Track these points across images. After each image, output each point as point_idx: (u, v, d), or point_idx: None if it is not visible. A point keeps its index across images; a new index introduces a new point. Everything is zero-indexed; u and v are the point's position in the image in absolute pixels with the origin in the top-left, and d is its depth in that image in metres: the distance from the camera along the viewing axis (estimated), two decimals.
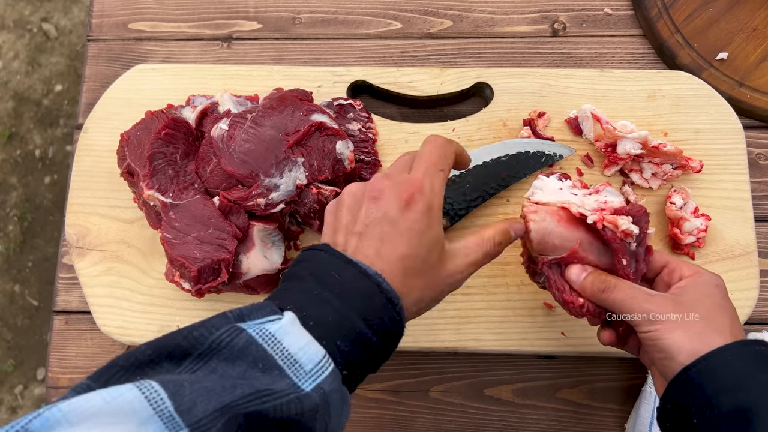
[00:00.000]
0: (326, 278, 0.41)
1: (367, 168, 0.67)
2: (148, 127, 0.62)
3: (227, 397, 0.32)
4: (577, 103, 0.69)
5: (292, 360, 0.37)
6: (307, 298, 0.40)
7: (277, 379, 0.35)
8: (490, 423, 0.67)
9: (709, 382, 0.41)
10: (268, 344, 0.37)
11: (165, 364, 0.34)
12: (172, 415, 0.30)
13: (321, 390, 0.36)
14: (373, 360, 0.41)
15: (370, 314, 0.40)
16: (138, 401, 0.30)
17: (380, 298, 0.40)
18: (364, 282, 0.41)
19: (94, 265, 0.66)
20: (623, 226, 0.47)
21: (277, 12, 0.79)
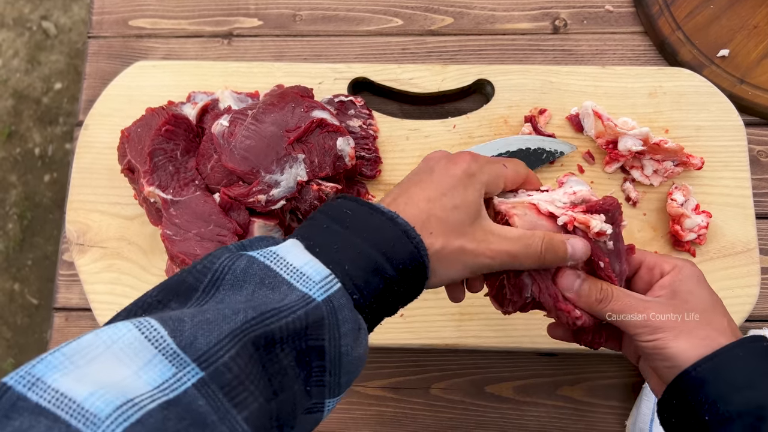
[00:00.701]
0: (338, 215, 0.39)
1: (368, 165, 0.67)
2: (149, 123, 0.62)
3: (227, 326, 0.31)
4: (578, 100, 0.69)
5: (299, 273, 0.35)
6: (314, 230, 0.39)
7: (286, 294, 0.34)
8: (491, 420, 0.67)
9: (719, 380, 0.41)
10: (270, 260, 0.36)
11: (172, 304, 0.34)
12: (175, 352, 0.30)
13: (330, 303, 0.35)
14: (390, 293, 0.38)
15: (383, 245, 0.38)
16: (138, 341, 0.30)
17: (394, 230, 0.38)
18: (376, 217, 0.39)
19: (95, 262, 0.66)
20: (596, 228, 0.43)
21: (277, 9, 0.79)
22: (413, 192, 0.42)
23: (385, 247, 0.38)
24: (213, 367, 0.30)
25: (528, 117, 0.68)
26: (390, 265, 0.38)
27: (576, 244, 0.43)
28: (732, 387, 0.40)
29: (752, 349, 0.42)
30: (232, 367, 0.31)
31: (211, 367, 0.30)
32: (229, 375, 0.30)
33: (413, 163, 0.68)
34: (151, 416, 0.27)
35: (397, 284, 0.38)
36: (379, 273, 0.37)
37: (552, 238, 0.43)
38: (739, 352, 0.41)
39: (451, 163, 0.43)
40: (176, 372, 0.30)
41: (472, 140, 0.68)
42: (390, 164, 0.68)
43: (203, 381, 0.30)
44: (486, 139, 0.68)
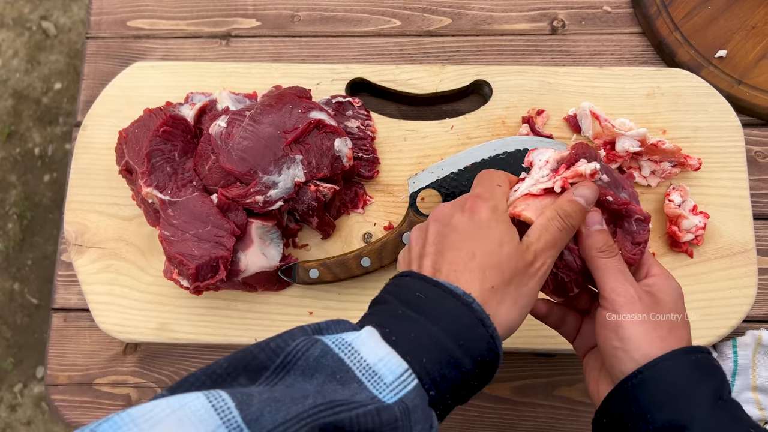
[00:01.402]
0: (411, 299, 0.39)
1: (365, 166, 0.67)
2: (147, 124, 0.62)
3: (296, 408, 0.31)
4: (575, 101, 0.69)
5: (371, 371, 0.35)
6: (390, 317, 0.38)
7: (356, 392, 0.34)
8: (489, 420, 0.67)
9: (644, 395, 0.40)
10: (344, 353, 0.35)
11: (241, 379, 0.33)
12: (239, 426, 0.30)
13: (403, 404, 0.34)
14: (465, 385, 0.38)
15: (460, 334, 0.37)
16: (205, 410, 0.30)
17: (470, 317, 0.38)
18: (451, 301, 0.38)
19: (93, 262, 0.66)
20: (587, 171, 0.45)
21: (275, 9, 0.79)
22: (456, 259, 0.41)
23: (461, 336, 0.37)
24: None
25: (526, 118, 0.68)
26: (469, 359, 0.37)
27: (581, 191, 0.45)
28: (654, 403, 0.40)
29: (681, 362, 0.41)
30: None
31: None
32: None
33: (411, 163, 0.68)
34: None
35: (474, 377, 0.38)
36: (457, 367, 0.37)
37: (561, 203, 0.44)
38: (666, 366, 0.40)
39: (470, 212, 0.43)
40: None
41: (470, 141, 0.68)
42: (388, 165, 0.68)
43: None
44: (484, 139, 0.68)
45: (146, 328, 0.65)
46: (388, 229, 0.66)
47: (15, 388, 1.52)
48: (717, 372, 0.41)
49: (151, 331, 0.64)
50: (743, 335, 0.65)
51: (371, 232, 0.66)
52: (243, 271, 0.60)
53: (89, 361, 0.69)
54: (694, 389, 0.40)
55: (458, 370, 0.37)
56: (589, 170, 0.45)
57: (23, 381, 1.52)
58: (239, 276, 0.60)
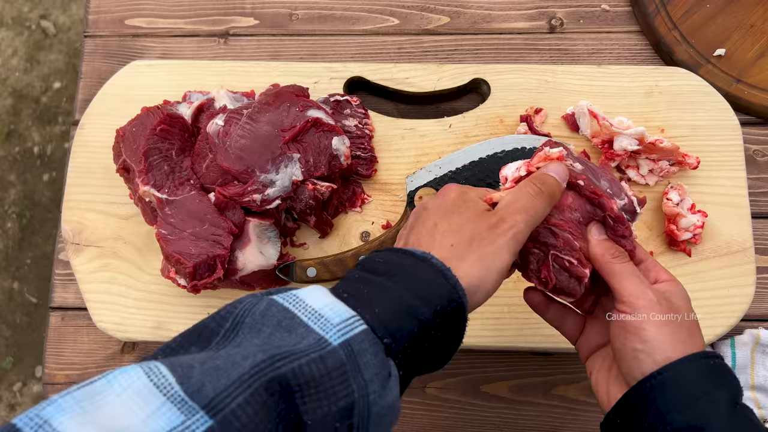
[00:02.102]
0: (371, 265, 0.39)
1: (363, 164, 0.67)
2: (144, 123, 0.62)
3: (236, 372, 0.31)
4: (574, 100, 0.69)
5: (317, 315, 0.35)
6: (345, 282, 0.39)
7: (303, 336, 0.33)
8: (487, 419, 0.67)
9: (663, 396, 0.40)
10: (289, 303, 0.35)
11: (193, 349, 0.34)
12: (183, 399, 0.30)
13: (349, 347, 0.33)
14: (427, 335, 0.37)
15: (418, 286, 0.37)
16: (147, 389, 0.30)
17: (429, 271, 0.38)
18: (409, 260, 0.38)
19: (91, 261, 0.66)
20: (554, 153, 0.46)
21: (273, 8, 0.79)
22: (421, 230, 0.43)
23: (420, 288, 0.37)
24: (221, 415, 0.30)
25: (524, 116, 0.68)
26: (426, 307, 0.36)
27: (552, 167, 0.46)
28: (673, 405, 0.39)
29: (698, 366, 0.41)
30: (240, 415, 0.30)
31: (220, 415, 0.30)
32: (238, 423, 0.30)
33: (409, 162, 0.68)
34: None
35: (434, 327, 0.37)
36: (414, 316, 0.36)
37: (534, 174, 0.45)
38: (684, 370, 0.40)
39: (440, 196, 0.46)
40: (185, 420, 0.29)
41: (468, 140, 0.68)
42: (386, 163, 0.68)
43: (212, 429, 0.29)
44: (482, 138, 0.68)
45: (144, 327, 0.65)
46: (386, 227, 0.66)
47: (14, 387, 1.52)
48: (733, 378, 0.42)
49: (149, 329, 0.64)
50: (741, 334, 0.65)
51: (369, 230, 0.66)
52: (240, 269, 0.60)
53: (87, 359, 0.69)
54: (713, 393, 0.40)
55: (416, 319, 0.36)
56: (555, 153, 0.46)
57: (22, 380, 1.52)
58: (237, 275, 0.60)
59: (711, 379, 0.40)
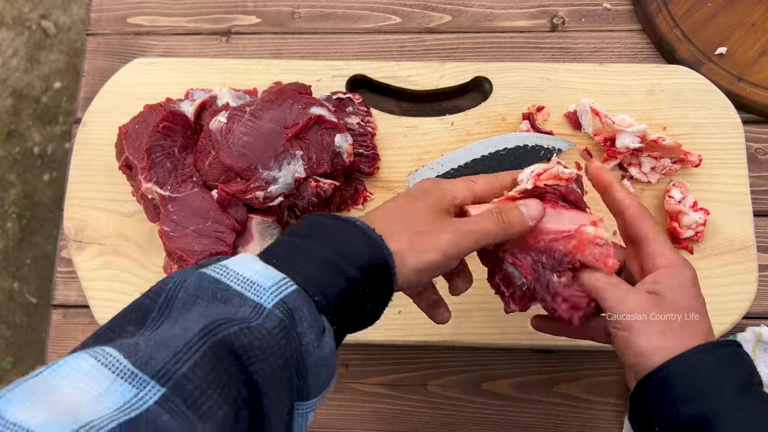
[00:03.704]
0: (298, 230, 0.40)
1: (365, 162, 0.67)
2: (147, 120, 0.62)
3: (182, 340, 0.31)
4: (576, 98, 0.69)
5: (249, 282, 0.35)
6: (272, 246, 0.40)
7: (239, 306, 0.34)
8: (488, 417, 0.67)
9: (670, 390, 0.40)
10: (220, 274, 0.36)
11: (129, 328, 0.34)
12: (133, 372, 0.30)
13: (284, 305, 0.35)
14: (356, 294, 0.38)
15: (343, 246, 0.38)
16: (96, 369, 0.30)
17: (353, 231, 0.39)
18: (334, 222, 0.40)
19: (93, 258, 0.66)
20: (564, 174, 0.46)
21: (276, 6, 0.79)
22: (375, 212, 0.44)
23: (345, 248, 0.38)
24: (173, 381, 0.30)
25: (526, 114, 0.68)
26: (352, 266, 0.38)
27: (529, 204, 0.45)
28: (680, 397, 0.40)
29: (707, 357, 0.41)
30: (192, 377, 0.30)
31: (171, 381, 0.30)
32: (190, 386, 0.30)
33: (411, 160, 0.68)
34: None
35: (362, 284, 0.38)
36: (341, 273, 0.38)
37: (503, 206, 0.45)
38: (692, 361, 0.40)
39: (408, 189, 0.46)
40: (137, 392, 0.30)
41: (470, 137, 0.68)
42: (388, 161, 0.68)
43: (165, 397, 0.30)
44: (484, 136, 0.68)
45: None
46: None
47: None
48: (742, 364, 0.41)
49: None
50: (743, 331, 0.65)
51: None
52: None
53: None
54: (718, 383, 0.39)
55: (344, 277, 0.37)
56: (566, 174, 0.46)
57: None
58: None
59: (717, 369, 0.40)
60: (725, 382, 0.40)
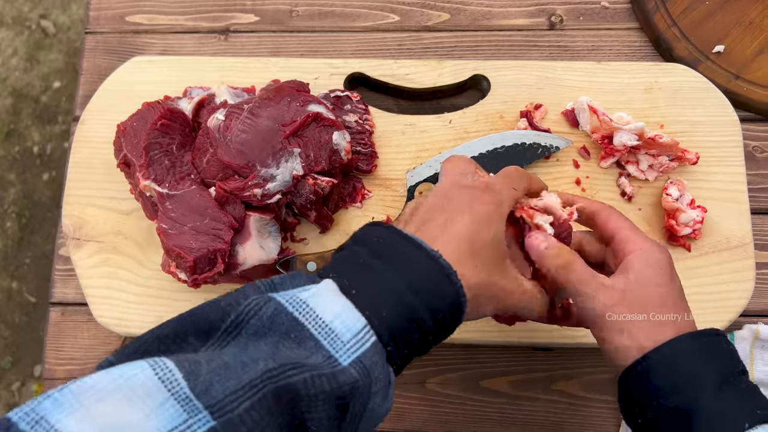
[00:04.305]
0: (376, 246, 0.38)
1: (363, 159, 0.67)
2: (145, 117, 0.62)
3: (247, 375, 0.30)
4: (574, 96, 0.69)
5: (327, 329, 0.33)
6: (351, 266, 0.37)
7: (313, 352, 0.33)
8: (487, 414, 0.67)
9: (648, 383, 0.40)
10: (299, 312, 0.34)
11: (191, 339, 0.32)
12: (188, 397, 0.29)
13: (361, 364, 0.33)
14: (425, 342, 0.37)
15: (422, 286, 0.36)
16: (152, 383, 0.29)
17: (437, 272, 0.37)
18: (418, 254, 0.37)
19: (91, 256, 0.66)
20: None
21: (274, 5, 0.79)
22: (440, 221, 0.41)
23: (426, 293, 0.36)
24: (226, 418, 0.29)
25: (524, 112, 0.68)
26: (429, 315, 0.36)
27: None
28: (661, 390, 0.40)
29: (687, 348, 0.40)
30: (246, 419, 0.29)
31: (224, 417, 0.29)
32: (243, 428, 0.29)
33: (409, 157, 0.68)
34: None
35: (432, 334, 0.37)
36: (418, 323, 0.36)
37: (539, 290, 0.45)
38: (672, 352, 0.40)
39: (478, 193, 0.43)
40: (187, 418, 0.28)
41: (468, 135, 0.68)
42: (386, 159, 0.68)
43: (214, 429, 0.29)
44: (482, 134, 0.68)
45: (144, 322, 0.65)
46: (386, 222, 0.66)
47: (13, 387, 1.52)
48: (723, 354, 0.41)
49: (149, 325, 0.64)
50: (741, 329, 0.65)
51: None
52: (241, 264, 0.60)
53: (87, 355, 0.69)
54: (700, 374, 0.39)
55: (419, 327, 0.36)
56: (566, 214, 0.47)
57: (21, 380, 1.52)
58: (237, 269, 0.60)
59: (698, 360, 0.40)
60: (706, 373, 0.40)
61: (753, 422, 0.37)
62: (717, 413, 0.38)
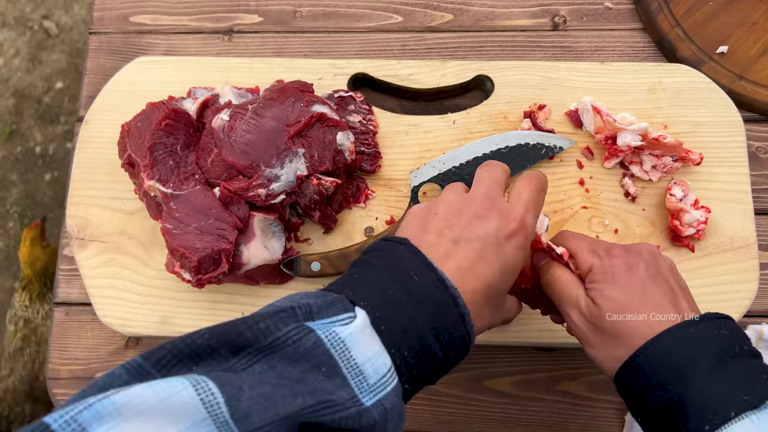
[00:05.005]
0: (402, 276, 0.39)
1: (367, 160, 0.67)
2: (149, 118, 0.63)
3: (285, 409, 0.31)
4: (577, 96, 0.69)
5: (358, 371, 0.35)
6: (380, 295, 0.38)
7: (339, 388, 0.34)
8: (490, 415, 0.67)
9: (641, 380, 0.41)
10: (335, 350, 0.35)
11: (222, 352, 0.33)
12: (226, 421, 0.29)
13: (381, 406, 0.35)
14: (435, 376, 0.40)
15: (441, 327, 0.38)
16: (193, 403, 0.29)
17: (454, 312, 0.39)
18: (440, 292, 0.39)
19: (95, 256, 0.66)
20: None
21: (278, 5, 0.79)
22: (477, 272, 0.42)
23: (443, 331, 0.38)
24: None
25: (527, 113, 0.68)
26: (443, 353, 0.39)
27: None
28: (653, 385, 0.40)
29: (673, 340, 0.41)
30: None
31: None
32: None
33: (413, 158, 0.68)
34: None
35: (442, 370, 0.40)
36: (432, 361, 0.38)
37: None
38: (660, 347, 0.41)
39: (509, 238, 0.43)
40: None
41: (472, 135, 0.69)
42: (389, 159, 0.68)
43: None
44: (485, 134, 0.68)
45: (148, 322, 0.65)
46: (389, 223, 0.66)
47: None
48: (717, 338, 0.41)
49: (153, 324, 0.64)
50: (745, 330, 0.65)
51: (373, 226, 0.67)
52: (245, 264, 0.60)
53: (91, 355, 0.69)
54: (691, 363, 0.39)
55: (433, 364, 0.39)
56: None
57: None
58: (241, 269, 0.60)
59: (690, 349, 0.40)
60: (698, 360, 0.39)
61: (739, 410, 0.37)
62: (709, 396, 0.38)
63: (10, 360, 1.17)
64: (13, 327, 1.18)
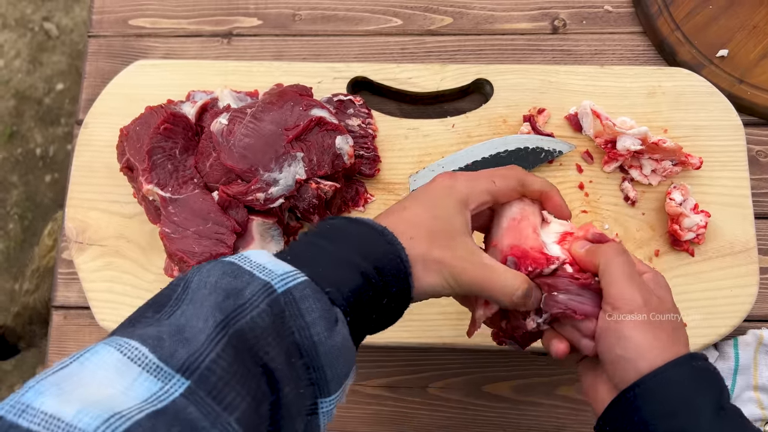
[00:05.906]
0: (318, 231, 0.41)
1: (366, 164, 0.67)
2: (148, 121, 0.62)
3: (203, 335, 0.32)
4: (577, 100, 0.69)
5: (261, 267, 0.37)
6: (291, 246, 0.41)
7: (249, 281, 0.35)
8: (489, 419, 0.67)
9: (647, 405, 0.40)
10: (236, 258, 0.37)
11: (148, 314, 0.35)
12: (158, 366, 0.31)
13: (290, 295, 0.36)
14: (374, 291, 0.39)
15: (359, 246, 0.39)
16: (122, 363, 0.31)
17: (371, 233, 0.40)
18: (354, 226, 0.41)
19: (94, 260, 0.66)
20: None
21: (277, 8, 0.79)
22: (394, 209, 0.44)
23: (361, 247, 0.39)
24: (197, 374, 0.31)
25: (527, 116, 0.68)
26: (367, 263, 0.39)
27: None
28: (656, 414, 0.39)
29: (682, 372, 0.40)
30: (215, 369, 0.31)
31: (195, 374, 0.31)
32: (214, 377, 0.31)
33: (412, 161, 0.68)
34: (139, 425, 0.28)
35: (375, 278, 0.39)
36: (355, 269, 0.38)
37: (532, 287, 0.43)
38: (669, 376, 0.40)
39: (429, 182, 0.45)
40: (163, 385, 0.30)
41: (471, 139, 0.68)
42: (389, 163, 0.68)
43: (190, 389, 0.31)
44: (485, 138, 0.68)
45: None
46: None
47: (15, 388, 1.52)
48: (717, 380, 0.41)
49: None
50: (745, 334, 0.65)
51: None
52: None
53: None
54: (696, 399, 0.39)
55: (357, 272, 0.38)
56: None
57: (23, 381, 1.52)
58: None
59: (695, 384, 0.40)
60: (703, 398, 0.39)
61: None
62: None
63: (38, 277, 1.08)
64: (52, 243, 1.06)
